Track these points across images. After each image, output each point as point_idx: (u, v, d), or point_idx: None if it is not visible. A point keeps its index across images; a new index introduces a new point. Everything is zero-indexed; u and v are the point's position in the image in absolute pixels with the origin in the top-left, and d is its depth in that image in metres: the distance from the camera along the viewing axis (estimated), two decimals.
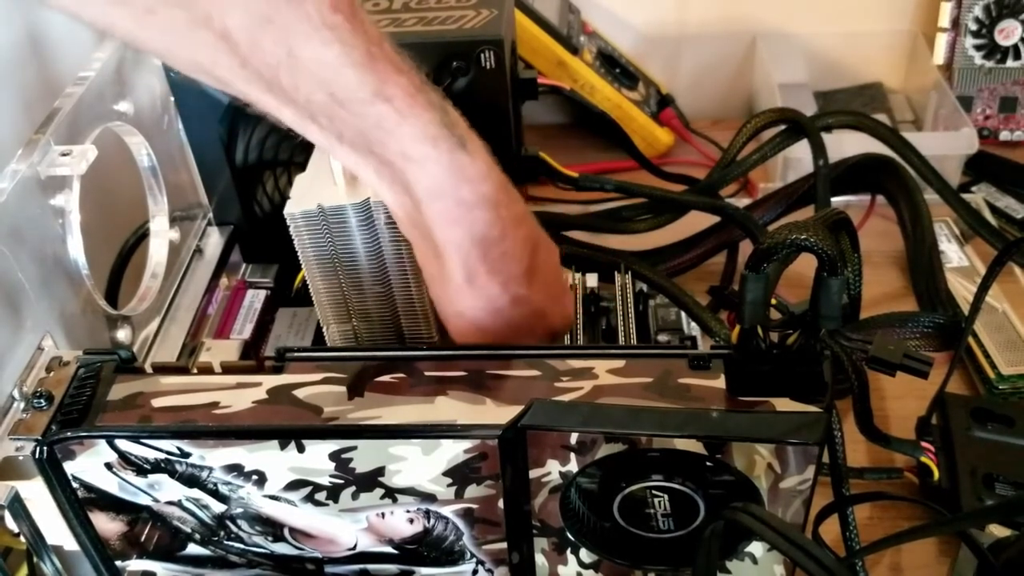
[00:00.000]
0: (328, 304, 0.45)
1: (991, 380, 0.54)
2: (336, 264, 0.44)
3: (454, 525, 0.39)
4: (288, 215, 0.42)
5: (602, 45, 0.79)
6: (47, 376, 0.39)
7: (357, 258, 0.43)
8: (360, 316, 0.45)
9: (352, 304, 0.45)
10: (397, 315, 0.45)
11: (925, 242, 0.58)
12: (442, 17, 0.52)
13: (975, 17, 0.76)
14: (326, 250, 0.43)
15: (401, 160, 0.36)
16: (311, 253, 0.43)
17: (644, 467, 0.37)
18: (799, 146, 0.60)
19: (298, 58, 0.33)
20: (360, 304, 0.45)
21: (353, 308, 0.45)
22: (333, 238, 0.43)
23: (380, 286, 0.44)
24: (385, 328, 0.46)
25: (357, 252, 0.43)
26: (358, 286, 0.44)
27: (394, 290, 0.44)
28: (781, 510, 0.37)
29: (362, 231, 0.42)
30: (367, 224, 0.42)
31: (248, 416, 0.36)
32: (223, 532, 0.40)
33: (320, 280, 0.44)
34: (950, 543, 0.47)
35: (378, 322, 0.46)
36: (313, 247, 0.43)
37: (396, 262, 0.44)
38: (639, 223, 0.61)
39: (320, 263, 0.44)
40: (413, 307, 0.45)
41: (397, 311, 0.45)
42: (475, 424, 0.35)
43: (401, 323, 0.46)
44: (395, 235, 0.42)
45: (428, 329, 0.46)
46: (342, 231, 0.43)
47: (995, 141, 0.79)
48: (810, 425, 0.34)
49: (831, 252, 0.33)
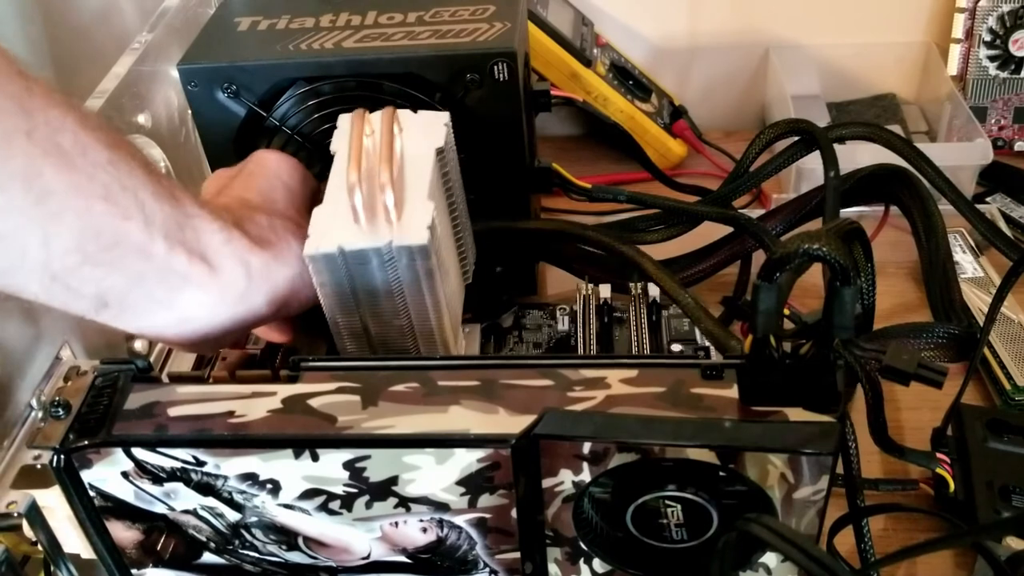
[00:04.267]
0: (347, 336, 0.45)
1: (1007, 391, 0.54)
2: (355, 301, 0.43)
3: (467, 534, 0.39)
4: (308, 257, 0.41)
5: (615, 57, 0.80)
6: (65, 385, 0.39)
7: (377, 296, 0.43)
8: (379, 346, 0.45)
9: (372, 336, 0.45)
10: (416, 345, 0.45)
11: (939, 253, 0.57)
12: (456, 30, 0.52)
13: (989, 28, 0.76)
14: (345, 288, 0.43)
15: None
16: (330, 292, 0.43)
17: (657, 477, 0.37)
18: (812, 157, 0.60)
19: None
20: (380, 336, 0.45)
21: (373, 340, 0.45)
22: (353, 278, 0.42)
23: (399, 320, 0.44)
24: (405, 351, 0.46)
25: (377, 290, 0.43)
26: (378, 320, 0.44)
27: (414, 324, 0.44)
28: (795, 521, 0.37)
29: (382, 272, 0.42)
30: (388, 265, 0.42)
31: (263, 425, 0.37)
32: (238, 541, 0.40)
33: (340, 315, 0.44)
34: (966, 555, 0.47)
35: (397, 347, 0.45)
36: (332, 286, 0.43)
37: (416, 299, 0.43)
38: (652, 234, 0.61)
39: (340, 301, 0.43)
40: (432, 338, 0.45)
41: (417, 343, 0.45)
42: (488, 434, 0.35)
43: (420, 346, 0.46)
44: (414, 275, 0.42)
45: (446, 350, 0.46)
46: (363, 272, 0.42)
47: (1009, 152, 0.78)
48: (824, 435, 0.34)
49: (844, 262, 0.33)
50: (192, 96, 0.54)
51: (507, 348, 0.58)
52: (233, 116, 0.54)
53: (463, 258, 0.50)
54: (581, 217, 0.67)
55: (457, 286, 0.49)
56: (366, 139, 0.44)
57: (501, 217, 0.56)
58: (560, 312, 0.60)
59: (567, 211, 0.69)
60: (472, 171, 0.50)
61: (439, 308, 0.44)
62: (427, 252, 0.41)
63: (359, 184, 0.42)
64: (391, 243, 0.41)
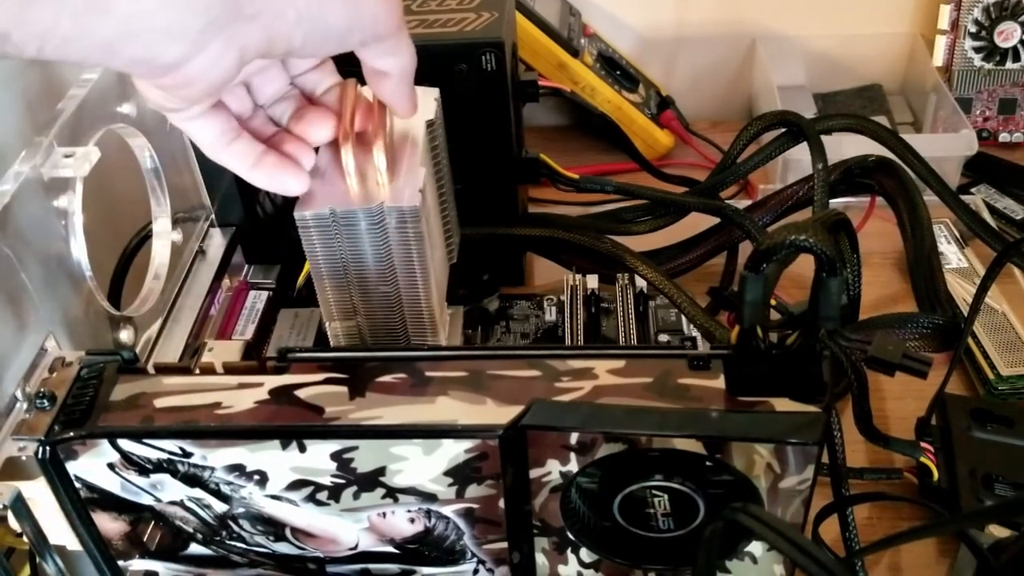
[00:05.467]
0: (334, 303, 0.45)
1: (990, 381, 0.54)
2: (344, 265, 0.44)
3: (455, 525, 0.39)
4: (299, 218, 0.42)
5: (602, 47, 0.79)
6: (50, 377, 0.39)
7: (365, 260, 0.43)
8: (365, 314, 0.45)
9: (358, 303, 0.45)
10: (402, 314, 0.45)
11: (924, 243, 0.58)
12: (443, 20, 0.52)
13: (974, 19, 0.76)
14: (335, 252, 0.43)
15: None
16: (320, 255, 0.43)
17: (644, 467, 0.37)
18: (799, 148, 0.60)
19: None
20: (365, 303, 0.45)
21: (358, 306, 0.45)
22: (343, 240, 0.43)
23: (387, 286, 0.44)
24: (389, 325, 0.46)
25: (365, 254, 0.43)
26: (365, 287, 0.44)
27: (401, 291, 0.44)
28: (781, 510, 0.37)
29: (372, 234, 0.42)
30: (378, 228, 0.42)
31: (250, 416, 0.36)
32: (225, 532, 0.40)
33: (328, 280, 0.44)
34: (950, 543, 0.47)
35: (382, 319, 0.46)
36: (323, 249, 0.43)
37: (404, 264, 0.43)
38: (639, 224, 0.61)
39: (329, 264, 0.44)
40: (419, 307, 0.45)
41: (403, 310, 0.45)
42: (476, 424, 0.35)
43: (406, 321, 0.46)
44: (404, 238, 0.42)
45: (432, 327, 0.46)
46: (352, 234, 0.42)
47: (994, 143, 0.79)
48: (809, 425, 0.34)
49: (830, 253, 0.33)
50: None
51: (494, 338, 0.58)
52: None
53: (448, 236, 0.50)
54: (568, 208, 0.67)
55: (442, 261, 0.50)
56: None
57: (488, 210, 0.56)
58: (547, 302, 0.60)
59: (554, 201, 0.69)
60: (459, 161, 0.50)
61: (427, 275, 0.44)
62: (417, 215, 0.41)
63: (351, 146, 0.41)
64: (382, 204, 0.41)
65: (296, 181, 0.41)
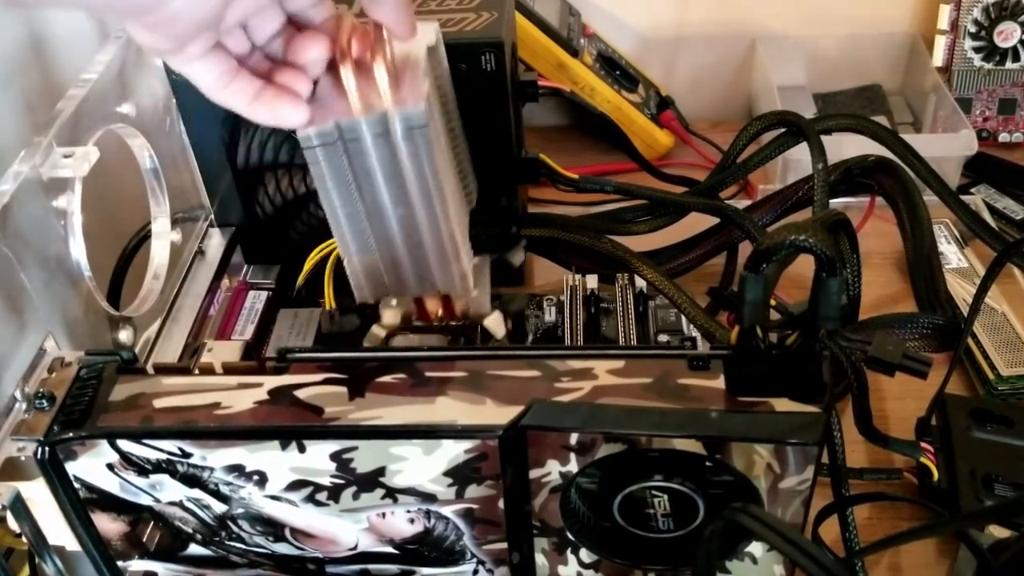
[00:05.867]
0: (349, 232, 0.43)
1: (990, 381, 0.54)
2: (356, 189, 0.42)
3: (455, 525, 0.39)
4: (303, 138, 0.40)
5: (602, 47, 0.79)
6: (49, 377, 0.39)
7: (376, 180, 0.41)
8: (383, 246, 0.43)
9: (375, 232, 0.43)
10: (421, 243, 0.43)
11: (924, 243, 0.58)
12: (443, 20, 0.52)
13: (974, 19, 0.76)
14: (344, 173, 0.41)
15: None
16: (329, 179, 0.41)
17: (644, 467, 0.37)
18: (799, 148, 0.60)
19: None
20: (382, 233, 0.43)
21: (375, 238, 0.43)
22: (350, 159, 0.41)
23: (402, 208, 0.42)
24: (410, 258, 0.44)
25: (375, 171, 0.41)
26: (379, 213, 0.42)
27: (416, 214, 0.42)
28: (780, 510, 0.37)
29: (379, 148, 0.40)
30: (384, 140, 0.40)
31: (249, 416, 0.36)
32: (224, 532, 0.40)
33: (340, 209, 0.42)
34: (949, 544, 0.47)
35: (401, 251, 0.44)
36: (331, 171, 0.41)
37: (418, 180, 0.41)
38: (639, 224, 0.61)
39: (339, 189, 0.42)
40: (438, 232, 0.43)
41: (420, 236, 0.43)
42: (475, 424, 0.35)
43: (426, 252, 0.44)
44: (414, 150, 0.41)
45: (456, 256, 0.44)
46: (359, 151, 0.40)
47: (994, 143, 0.79)
48: (809, 425, 0.34)
49: (829, 253, 0.33)
50: (177, 85, 0.53)
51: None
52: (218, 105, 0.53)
53: (464, 177, 0.49)
54: (568, 208, 0.67)
55: (459, 197, 0.47)
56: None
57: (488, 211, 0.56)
58: (547, 303, 0.60)
59: (554, 202, 0.69)
60: None
61: (442, 192, 0.42)
62: (424, 120, 0.40)
63: (349, 64, 0.39)
64: (385, 113, 0.40)
65: (294, 110, 0.39)
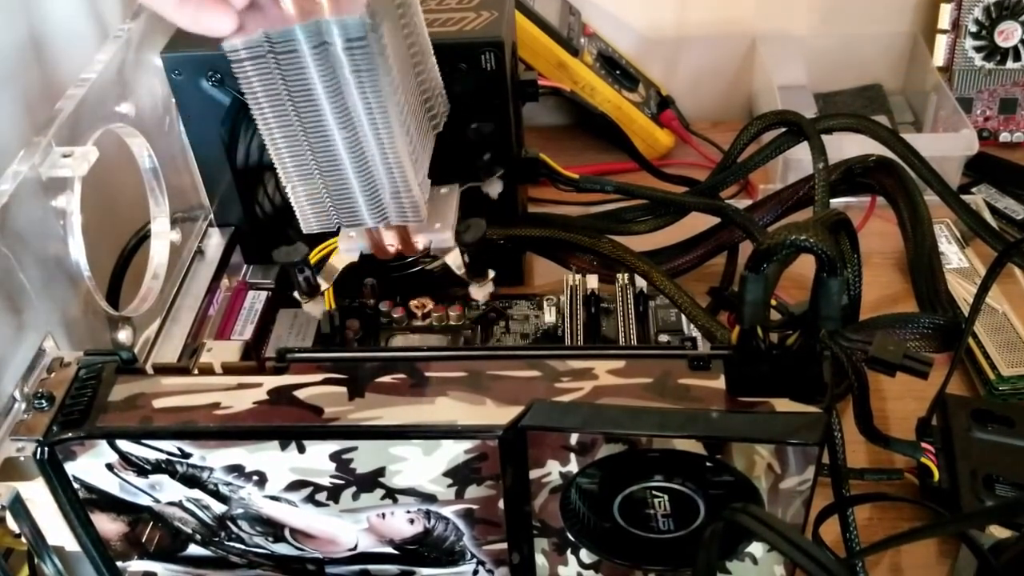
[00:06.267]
0: (288, 158, 0.39)
1: (991, 381, 0.54)
2: (292, 106, 0.38)
3: (455, 525, 0.39)
4: (228, 48, 0.37)
5: (602, 47, 0.79)
6: (48, 377, 0.39)
7: (315, 97, 0.38)
8: (327, 170, 0.40)
9: (317, 156, 0.39)
10: (368, 168, 0.39)
11: (925, 243, 0.58)
12: (443, 19, 0.52)
13: (975, 19, 0.76)
14: (278, 89, 0.37)
15: None
16: (261, 94, 0.38)
17: (644, 468, 0.37)
18: (799, 148, 0.60)
19: None
20: (326, 156, 0.39)
21: (318, 161, 0.39)
22: (284, 73, 0.37)
23: (345, 130, 0.38)
24: (356, 185, 0.40)
25: (315, 89, 0.37)
26: (321, 132, 0.38)
27: (360, 134, 0.38)
28: (781, 511, 0.37)
29: (318, 62, 0.37)
30: (322, 53, 0.36)
31: (249, 417, 0.36)
32: (224, 533, 0.40)
33: (277, 128, 0.38)
34: (950, 544, 0.47)
35: (347, 178, 0.40)
36: (263, 88, 0.38)
37: (362, 98, 0.38)
38: (640, 224, 0.61)
39: (274, 106, 0.38)
40: (386, 158, 0.39)
41: (367, 162, 0.39)
42: (475, 425, 0.35)
43: (375, 181, 0.40)
44: (357, 64, 0.37)
45: (406, 188, 0.40)
46: (294, 63, 0.37)
47: (995, 142, 0.79)
48: (810, 426, 0.34)
49: (830, 253, 0.33)
50: (176, 85, 0.53)
51: (494, 339, 0.58)
52: (218, 105, 0.53)
53: (428, 99, 0.44)
54: (568, 208, 0.67)
55: (419, 120, 0.42)
56: None
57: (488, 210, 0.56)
58: (547, 303, 0.60)
59: (554, 201, 0.69)
60: (459, 161, 0.50)
61: (386, 113, 0.37)
62: (364, 31, 0.36)
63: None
64: (319, 22, 0.36)
65: (221, 16, 0.36)
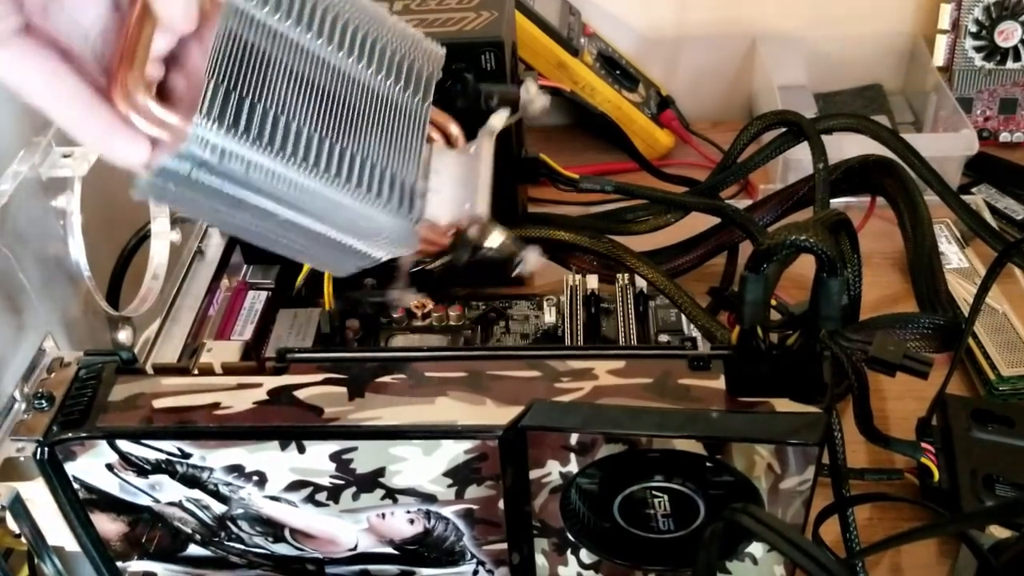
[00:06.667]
0: (268, 244, 0.35)
1: (991, 381, 0.54)
2: (223, 216, 0.33)
3: (455, 526, 0.39)
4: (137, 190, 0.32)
5: (602, 47, 0.79)
6: (48, 377, 0.39)
7: (228, 205, 0.32)
8: (304, 243, 0.35)
9: (282, 238, 0.35)
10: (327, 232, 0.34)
11: (925, 243, 0.58)
12: (442, 19, 0.52)
13: (975, 19, 0.76)
14: (203, 207, 0.32)
15: None
16: (194, 214, 0.36)
17: (644, 468, 0.37)
18: (799, 148, 0.60)
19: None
20: (289, 236, 0.34)
21: (289, 240, 0.35)
22: (183, 200, 0.32)
23: (280, 216, 0.33)
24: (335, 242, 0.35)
25: (220, 192, 0.31)
26: (265, 224, 0.33)
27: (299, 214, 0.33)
28: (781, 511, 0.37)
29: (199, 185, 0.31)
30: (187, 183, 0.31)
31: (249, 417, 0.36)
32: (224, 533, 0.40)
33: (236, 230, 0.34)
34: (950, 544, 0.47)
35: (328, 241, 0.35)
36: (188, 210, 0.35)
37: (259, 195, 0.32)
38: (640, 224, 0.61)
39: (213, 220, 0.35)
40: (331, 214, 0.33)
41: (322, 225, 0.34)
42: (475, 425, 0.35)
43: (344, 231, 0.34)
44: (223, 178, 0.31)
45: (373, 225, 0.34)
46: (185, 192, 0.31)
47: (995, 143, 0.79)
48: (810, 426, 0.34)
49: (830, 253, 0.33)
50: None
51: (494, 339, 0.58)
52: None
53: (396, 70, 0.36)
54: (568, 208, 0.67)
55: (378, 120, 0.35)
56: None
57: None
58: (547, 303, 0.60)
59: (554, 201, 0.69)
60: None
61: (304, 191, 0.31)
62: (188, 167, 0.30)
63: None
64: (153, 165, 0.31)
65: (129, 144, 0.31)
